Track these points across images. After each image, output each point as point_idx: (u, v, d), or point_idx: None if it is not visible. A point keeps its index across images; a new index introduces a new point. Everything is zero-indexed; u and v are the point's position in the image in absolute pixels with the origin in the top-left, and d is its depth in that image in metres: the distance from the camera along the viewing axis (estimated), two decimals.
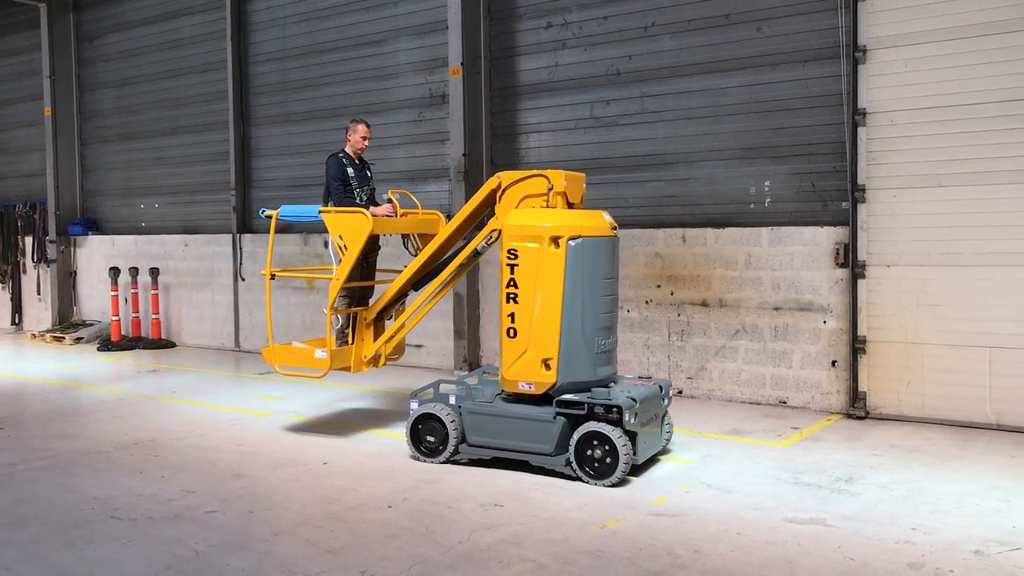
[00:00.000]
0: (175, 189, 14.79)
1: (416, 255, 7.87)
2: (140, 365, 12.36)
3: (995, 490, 6.08)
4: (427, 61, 11.53)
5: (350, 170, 8.24)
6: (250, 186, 13.71)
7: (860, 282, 8.41)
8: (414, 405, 7.01)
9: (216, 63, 13.87)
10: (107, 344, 13.81)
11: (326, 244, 12.37)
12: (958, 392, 8.00)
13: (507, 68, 10.91)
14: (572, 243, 6.39)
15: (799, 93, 8.92)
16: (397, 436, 7.76)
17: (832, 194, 8.77)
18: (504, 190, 6.95)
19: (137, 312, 14.26)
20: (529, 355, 6.50)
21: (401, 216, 8.13)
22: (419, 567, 4.79)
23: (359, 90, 12.24)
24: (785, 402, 8.92)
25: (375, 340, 7.84)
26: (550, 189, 6.66)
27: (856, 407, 8.41)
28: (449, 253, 7.63)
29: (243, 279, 13.49)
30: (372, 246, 8.24)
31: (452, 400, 6.88)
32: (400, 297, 7.95)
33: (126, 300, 14.38)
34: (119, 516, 5.68)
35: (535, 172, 6.81)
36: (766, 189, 9.19)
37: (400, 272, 7.80)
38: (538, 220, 6.54)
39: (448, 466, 6.74)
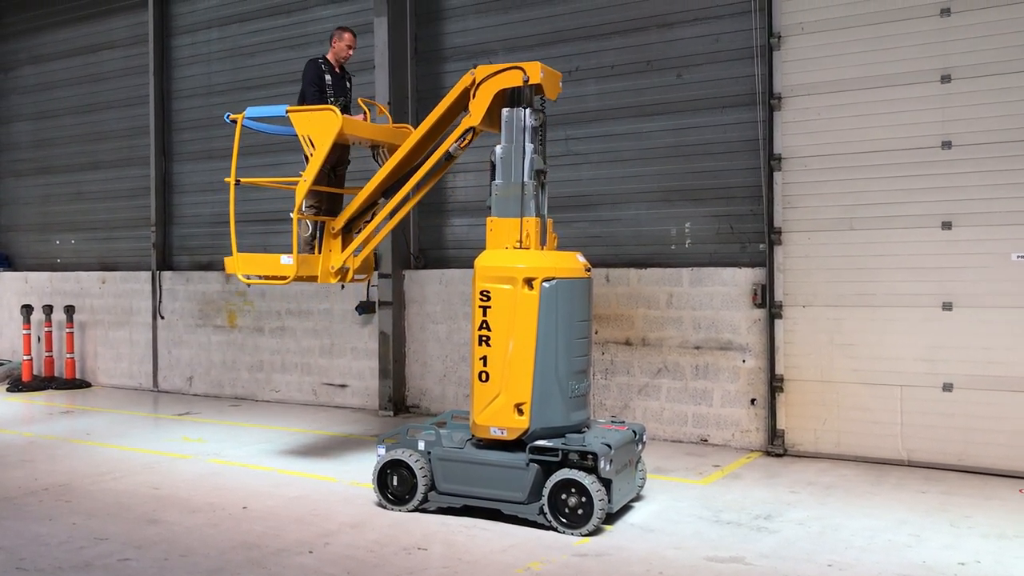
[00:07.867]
0: (93, 225, 14.44)
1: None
2: (52, 406, 11.95)
3: (905, 525, 6.27)
4: None
5: (328, 77, 8.04)
6: (171, 222, 13.48)
7: (777, 322, 8.63)
8: (381, 451, 6.65)
9: (138, 98, 13.66)
10: (18, 384, 13.29)
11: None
12: (871, 429, 8.23)
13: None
14: (546, 284, 6.24)
15: (718, 138, 9.18)
16: (321, 478, 7.65)
17: (750, 236, 9.01)
18: (478, 86, 6.69)
19: (51, 351, 13.79)
20: (501, 400, 6.30)
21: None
22: None
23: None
24: (706, 440, 9.06)
25: (343, 251, 7.55)
26: (526, 81, 6.47)
27: (775, 444, 8.59)
28: (419, 159, 7.32)
29: (163, 317, 13.20)
30: (341, 158, 7.97)
31: (421, 446, 6.55)
32: (369, 206, 7.62)
33: (39, 339, 13.91)
34: (24, 567, 5.46)
35: (511, 64, 6.59)
36: (687, 231, 9.40)
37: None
38: (511, 261, 6.37)
39: (377, 509, 6.64)
